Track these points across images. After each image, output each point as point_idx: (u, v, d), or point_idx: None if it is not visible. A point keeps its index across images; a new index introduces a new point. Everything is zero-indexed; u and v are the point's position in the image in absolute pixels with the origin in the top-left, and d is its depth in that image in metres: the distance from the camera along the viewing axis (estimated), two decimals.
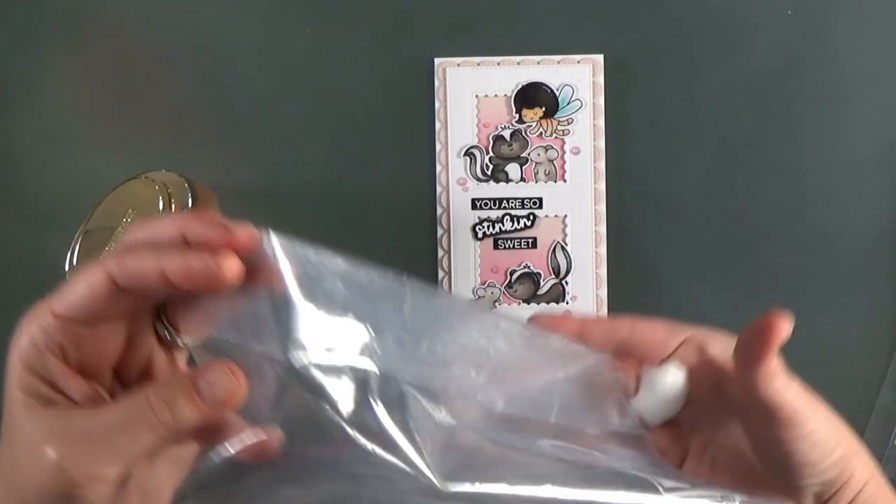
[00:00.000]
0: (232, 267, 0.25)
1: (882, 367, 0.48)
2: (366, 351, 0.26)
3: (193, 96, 0.49)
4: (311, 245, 0.26)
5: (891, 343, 0.48)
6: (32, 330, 0.26)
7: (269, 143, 0.48)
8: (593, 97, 0.47)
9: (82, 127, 0.49)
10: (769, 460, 0.27)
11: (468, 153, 0.48)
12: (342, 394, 0.26)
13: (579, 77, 0.47)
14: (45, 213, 0.49)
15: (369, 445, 0.26)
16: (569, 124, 0.48)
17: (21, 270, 0.49)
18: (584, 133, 0.48)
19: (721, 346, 0.29)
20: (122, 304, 0.26)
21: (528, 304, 0.47)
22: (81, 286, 0.25)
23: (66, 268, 0.44)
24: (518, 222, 0.47)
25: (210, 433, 0.27)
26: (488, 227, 0.47)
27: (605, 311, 0.47)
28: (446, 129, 0.48)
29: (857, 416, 0.47)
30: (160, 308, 0.28)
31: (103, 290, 0.25)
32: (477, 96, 0.48)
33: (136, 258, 0.25)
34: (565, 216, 0.47)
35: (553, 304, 0.47)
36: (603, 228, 0.47)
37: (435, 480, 0.26)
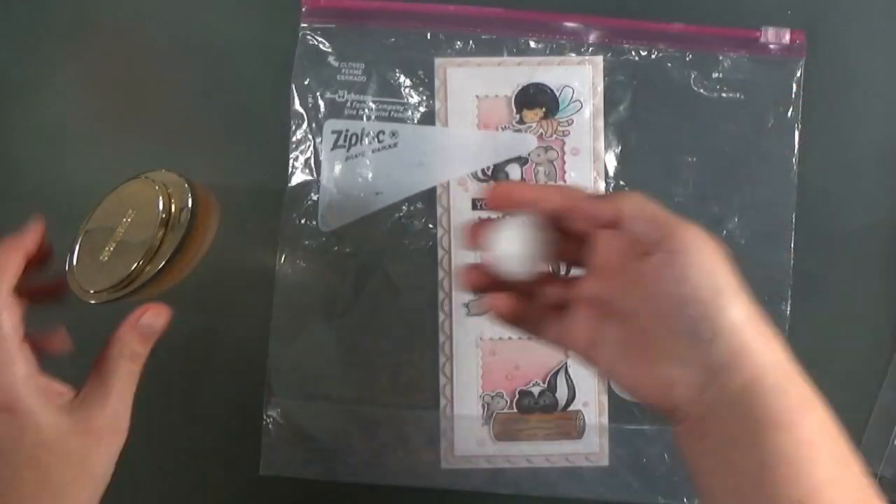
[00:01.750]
0: None
1: (882, 367, 0.48)
2: None
3: (193, 96, 0.49)
4: None
5: (891, 343, 0.48)
6: None
7: (269, 143, 0.48)
8: (593, 98, 0.47)
9: (82, 127, 0.49)
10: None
11: None
12: None
13: (579, 78, 0.48)
14: (46, 213, 0.49)
15: None
16: (569, 125, 0.48)
17: None
18: (584, 134, 0.48)
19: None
20: None
21: None
22: None
23: (66, 268, 0.43)
24: None
25: None
26: None
27: None
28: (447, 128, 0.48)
29: (857, 416, 0.47)
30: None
31: None
32: (477, 96, 0.48)
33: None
34: None
35: None
36: None
37: None
